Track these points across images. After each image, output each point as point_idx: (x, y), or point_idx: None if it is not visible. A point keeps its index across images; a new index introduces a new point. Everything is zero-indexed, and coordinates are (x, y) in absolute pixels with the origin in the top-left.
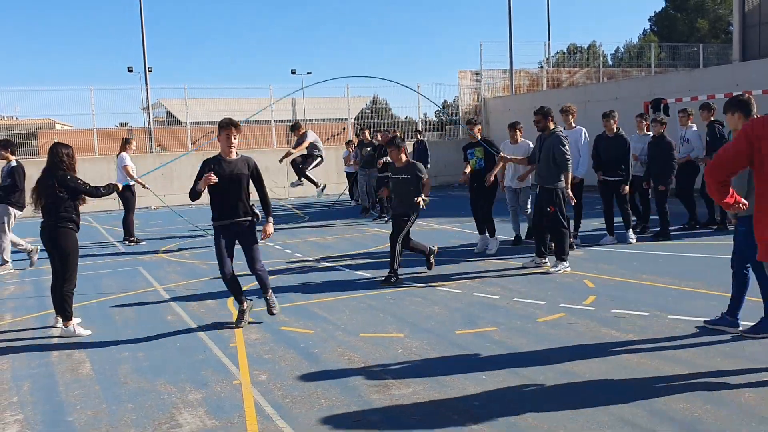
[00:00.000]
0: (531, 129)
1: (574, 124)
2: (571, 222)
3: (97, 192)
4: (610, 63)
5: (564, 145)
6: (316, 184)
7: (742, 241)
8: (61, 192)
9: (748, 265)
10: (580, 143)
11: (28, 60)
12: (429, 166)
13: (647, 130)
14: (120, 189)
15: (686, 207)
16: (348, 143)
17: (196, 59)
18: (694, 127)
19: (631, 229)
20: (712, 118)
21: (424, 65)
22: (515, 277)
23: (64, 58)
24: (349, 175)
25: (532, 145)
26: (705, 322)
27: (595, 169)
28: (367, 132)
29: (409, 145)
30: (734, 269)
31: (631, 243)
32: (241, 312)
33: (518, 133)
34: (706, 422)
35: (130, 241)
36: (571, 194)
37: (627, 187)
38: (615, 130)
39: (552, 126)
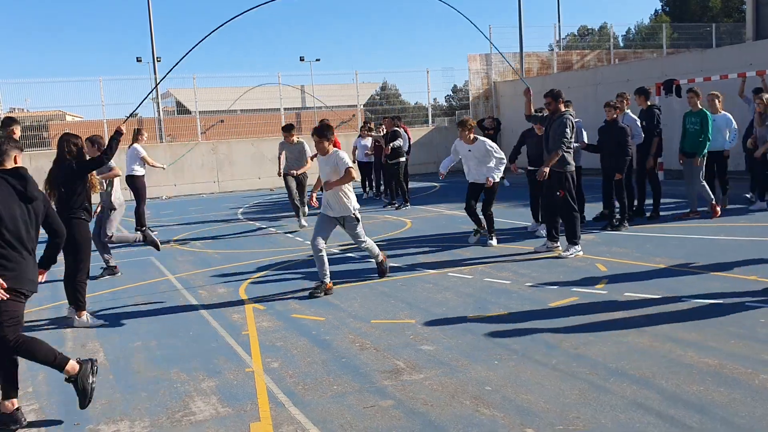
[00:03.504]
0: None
1: (472, 137)
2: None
3: (106, 156)
4: (622, 45)
5: (567, 128)
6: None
7: None
8: (72, 181)
9: None
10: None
11: (38, 52)
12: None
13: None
14: (122, 132)
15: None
16: (363, 128)
17: (205, 48)
18: (630, 113)
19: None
20: (648, 103)
21: (434, 50)
22: (527, 261)
23: (73, 50)
24: (360, 165)
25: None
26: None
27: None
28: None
29: (418, 132)
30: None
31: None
32: None
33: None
34: (719, 405)
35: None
36: (546, 171)
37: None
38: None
39: (563, 108)
